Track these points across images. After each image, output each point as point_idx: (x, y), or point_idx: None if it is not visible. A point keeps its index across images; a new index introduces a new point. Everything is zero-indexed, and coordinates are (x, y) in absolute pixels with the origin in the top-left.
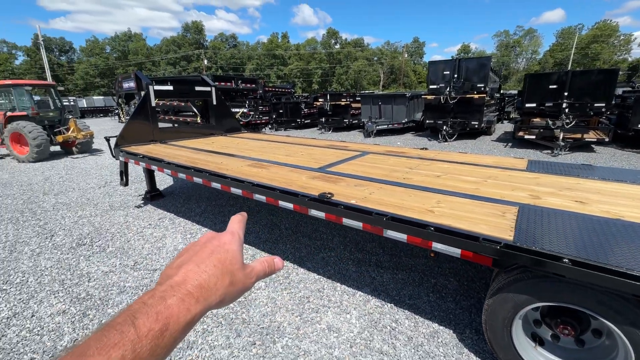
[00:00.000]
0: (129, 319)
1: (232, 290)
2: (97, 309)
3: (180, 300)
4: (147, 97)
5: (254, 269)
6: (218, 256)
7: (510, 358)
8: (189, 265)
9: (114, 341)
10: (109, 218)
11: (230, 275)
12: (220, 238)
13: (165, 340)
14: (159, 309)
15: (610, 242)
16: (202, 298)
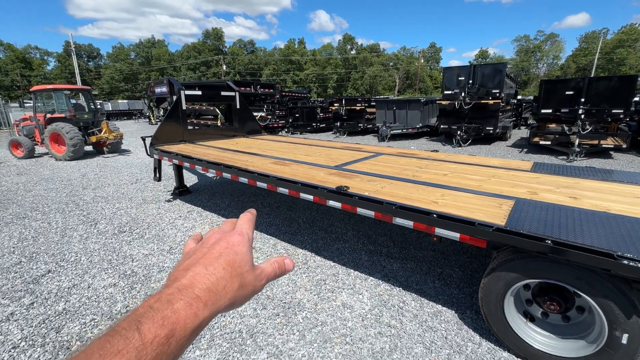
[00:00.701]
0: (134, 324)
1: (242, 294)
2: (142, 283)
3: (187, 305)
4: (179, 101)
5: (264, 271)
6: (227, 258)
7: (503, 331)
8: (197, 267)
9: (117, 348)
10: (144, 210)
11: (239, 278)
12: (229, 239)
13: (171, 347)
14: (166, 314)
15: (590, 228)
16: (211, 302)
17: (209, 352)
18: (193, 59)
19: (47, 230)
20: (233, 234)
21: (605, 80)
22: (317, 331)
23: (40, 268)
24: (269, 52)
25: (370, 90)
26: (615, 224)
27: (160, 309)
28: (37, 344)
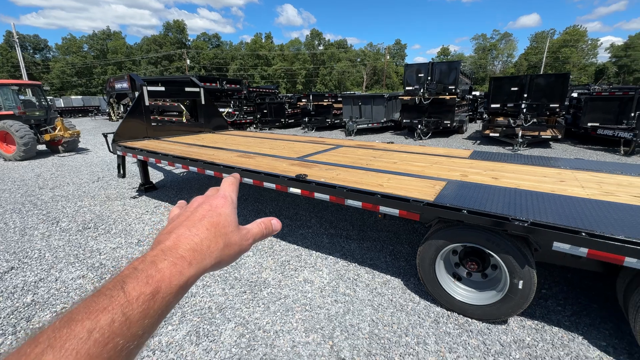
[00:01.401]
0: (118, 284)
1: (228, 253)
2: (111, 273)
3: (172, 264)
4: (141, 97)
5: (250, 231)
6: (210, 220)
7: (436, 290)
8: (180, 229)
9: (102, 306)
10: (108, 207)
11: (224, 237)
12: (212, 202)
13: (157, 303)
14: (150, 273)
15: (499, 200)
16: (196, 261)
17: (180, 327)
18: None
19: (4, 230)
20: (216, 197)
21: (544, 77)
22: (281, 303)
23: (2, 265)
24: (235, 46)
25: (338, 86)
26: (518, 196)
27: (144, 269)
28: (7, 333)
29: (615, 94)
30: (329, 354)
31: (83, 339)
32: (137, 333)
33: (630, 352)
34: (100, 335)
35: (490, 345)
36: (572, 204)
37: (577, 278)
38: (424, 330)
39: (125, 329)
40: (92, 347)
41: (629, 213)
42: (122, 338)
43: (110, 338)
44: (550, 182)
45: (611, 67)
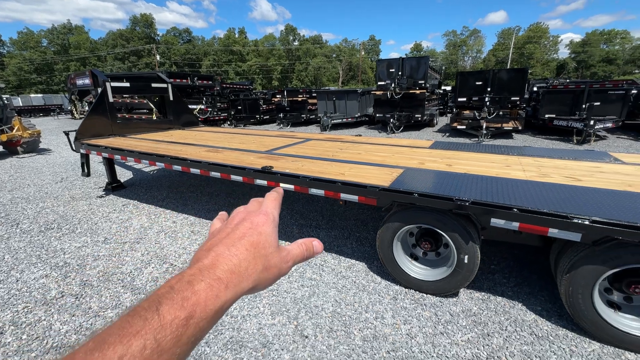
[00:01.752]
0: (153, 305)
1: (266, 277)
2: (76, 271)
3: (208, 286)
4: (104, 94)
5: (290, 252)
6: (250, 239)
7: (395, 270)
8: (219, 248)
9: (136, 329)
10: (73, 207)
11: (263, 259)
12: (253, 219)
13: (190, 330)
14: (186, 295)
15: (448, 183)
16: (233, 284)
17: None
18: (120, 48)
19: None
20: (258, 213)
21: (505, 72)
22: None
23: None
24: (207, 41)
25: (315, 82)
26: (466, 180)
27: (180, 289)
28: None
29: (569, 87)
30: (293, 333)
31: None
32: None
33: (560, 314)
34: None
35: (441, 315)
36: (512, 185)
37: (522, 253)
38: (382, 306)
39: (156, 356)
40: None
41: (557, 191)
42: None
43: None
44: (497, 167)
45: (571, 63)
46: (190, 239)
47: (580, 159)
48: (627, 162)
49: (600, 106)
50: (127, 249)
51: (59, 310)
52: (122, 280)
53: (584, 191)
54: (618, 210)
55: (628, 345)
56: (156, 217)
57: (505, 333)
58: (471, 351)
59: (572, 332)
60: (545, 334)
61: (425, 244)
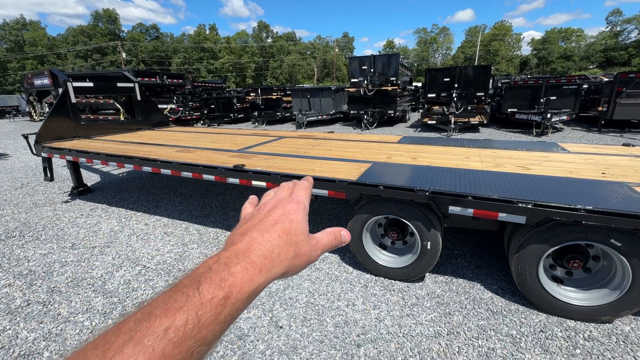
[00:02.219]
0: (194, 283)
1: (297, 263)
2: (42, 279)
3: (244, 269)
4: (66, 94)
5: (320, 241)
6: (282, 226)
7: (365, 259)
8: (254, 233)
9: (179, 304)
10: (36, 214)
11: (294, 246)
12: (285, 206)
13: (228, 309)
14: (223, 276)
15: (411, 175)
16: (266, 269)
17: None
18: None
19: None
20: (290, 201)
21: (471, 68)
22: None
23: None
24: (177, 38)
25: (290, 79)
26: (428, 171)
27: (218, 270)
28: None
29: (528, 83)
30: (268, 324)
31: (160, 337)
32: (207, 337)
33: (513, 291)
34: (175, 335)
35: (408, 299)
36: (469, 175)
37: (482, 239)
38: (354, 294)
39: (197, 331)
40: (167, 347)
41: (508, 179)
42: (193, 341)
43: (183, 339)
44: (457, 159)
45: (533, 59)
46: (163, 241)
47: (531, 149)
48: (572, 151)
49: (556, 100)
50: (96, 253)
51: (25, 318)
52: (93, 285)
53: (531, 178)
54: (558, 194)
55: (569, 314)
56: (127, 220)
57: (465, 311)
58: (434, 329)
59: (523, 306)
60: (499, 309)
61: (392, 233)
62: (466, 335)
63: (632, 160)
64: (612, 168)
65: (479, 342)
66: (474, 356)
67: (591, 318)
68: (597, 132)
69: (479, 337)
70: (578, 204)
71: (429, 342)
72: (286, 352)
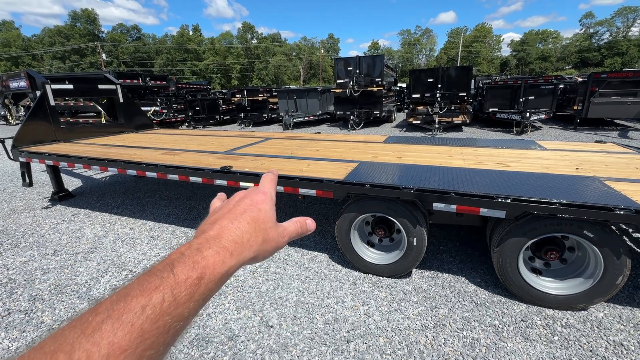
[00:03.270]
0: (168, 267)
1: (265, 248)
2: (23, 287)
3: (215, 253)
4: (44, 97)
5: (287, 229)
6: (251, 214)
7: (353, 257)
8: (223, 221)
9: (154, 285)
10: (14, 221)
11: (263, 232)
12: (253, 197)
13: (202, 288)
14: (196, 259)
15: (396, 174)
16: (237, 253)
17: None
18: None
19: None
20: (257, 192)
21: (453, 69)
22: None
23: None
24: (159, 39)
25: (275, 80)
26: (413, 170)
27: (191, 255)
28: None
29: (508, 83)
30: (258, 324)
31: (137, 314)
32: (182, 314)
33: (496, 284)
34: (152, 312)
35: (396, 294)
36: (452, 172)
37: (466, 234)
38: (343, 292)
39: (173, 308)
40: (144, 322)
41: (489, 176)
42: (170, 317)
43: (160, 315)
44: (441, 158)
45: (512, 60)
46: (150, 244)
47: (511, 147)
48: (548, 148)
49: (534, 100)
50: (80, 259)
51: (6, 328)
52: (77, 292)
53: (510, 175)
54: (535, 189)
55: (548, 303)
56: (111, 225)
57: (450, 304)
58: (421, 322)
59: (505, 298)
60: (483, 301)
61: (379, 231)
62: (452, 327)
63: (603, 156)
64: (585, 164)
65: (463, 333)
66: (459, 346)
67: (568, 306)
68: (572, 130)
69: (464, 328)
70: (553, 198)
71: (417, 335)
72: (277, 351)
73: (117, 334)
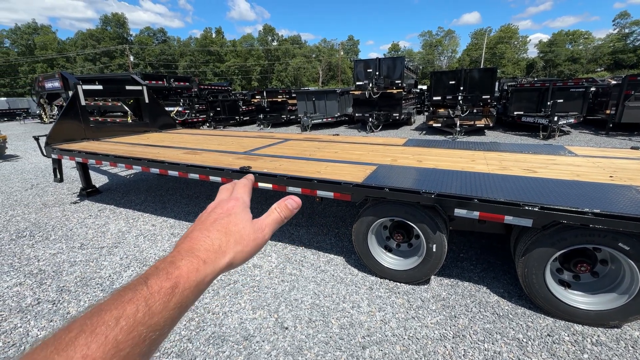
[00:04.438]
0: (142, 280)
1: (241, 249)
2: (52, 278)
3: (189, 262)
4: (76, 97)
5: (264, 221)
6: (221, 222)
7: (370, 261)
8: (194, 233)
9: (128, 297)
10: (45, 214)
11: (234, 234)
12: (224, 206)
13: (177, 297)
14: (169, 270)
15: (416, 177)
16: (210, 260)
17: None
18: (91, 49)
19: None
20: (228, 200)
21: (476, 71)
22: (230, 287)
23: None
24: (184, 42)
25: (295, 82)
26: (434, 174)
27: (164, 267)
28: None
29: (535, 85)
30: (273, 325)
31: (111, 326)
32: (158, 323)
33: (520, 295)
34: (126, 323)
35: (413, 301)
36: (475, 178)
37: (488, 242)
38: (359, 296)
39: (148, 318)
40: (119, 334)
41: (514, 182)
42: (145, 327)
43: (134, 326)
44: (463, 162)
45: (539, 62)
46: (170, 242)
47: (538, 152)
48: (579, 154)
49: (563, 103)
50: (105, 253)
51: (35, 316)
52: (101, 285)
53: (538, 181)
54: (565, 198)
55: (577, 319)
56: (134, 221)
57: (471, 314)
58: (439, 332)
59: (530, 310)
60: (505, 313)
61: (397, 235)
62: (472, 339)
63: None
64: (620, 171)
65: (485, 345)
66: (480, 359)
67: (599, 322)
68: (604, 135)
69: (485, 340)
70: (585, 207)
71: (435, 344)
72: (292, 353)
73: (90, 347)
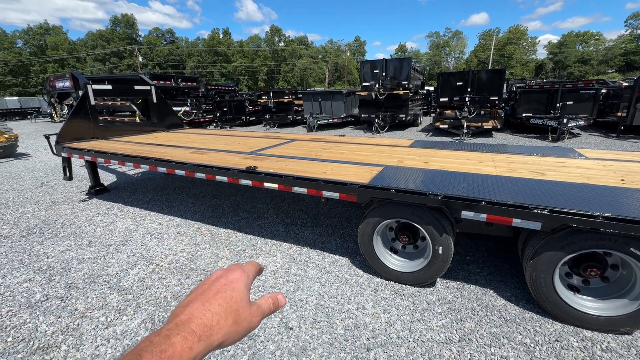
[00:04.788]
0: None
1: (236, 330)
2: (61, 275)
3: (183, 339)
4: (86, 96)
5: (260, 307)
6: (224, 295)
7: (375, 263)
8: (195, 304)
9: None
10: (55, 212)
11: (234, 314)
12: (229, 275)
13: None
14: (163, 347)
15: (423, 178)
16: (205, 337)
17: (135, 316)
18: (101, 49)
19: None
20: (234, 270)
21: (484, 72)
22: None
23: None
24: (191, 42)
25: (301, 83)
26: (440, 176)
27: (159, 343)
28: None
29: (544, 87)
30: (278, 325)
31: None
32: None
33: (527, 299)
34: None
35: (419, 304)
36: (482, 180)
37: (495, 245)
38: (364, 298)
39: None
40: None
41: (523, 184)
42: None
43: None
44: (470, 164)
45: (548, 63)
46: (176, 240)
47: (547, 155)
48: (589, 157)
49: (573, 105)
50: (112, 251)
51: (44, 312)
52: (108, 282)
53: (547, 184)
54: (575, 201)
55: (586, 324)
56: (141, 220)
57: (477, 318)
58: (445, 335)
59: (537, 315)
60: (513, 317)
61: (403, 237)
62: (478, 343)
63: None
64: (631, 175)
65: (491, 349)
66: None
67: (609, 329)
68: (615, 138)
69: (492, 344)
70: (596, 210)
71: (440, 348)
72: (296, 354)
73: None
